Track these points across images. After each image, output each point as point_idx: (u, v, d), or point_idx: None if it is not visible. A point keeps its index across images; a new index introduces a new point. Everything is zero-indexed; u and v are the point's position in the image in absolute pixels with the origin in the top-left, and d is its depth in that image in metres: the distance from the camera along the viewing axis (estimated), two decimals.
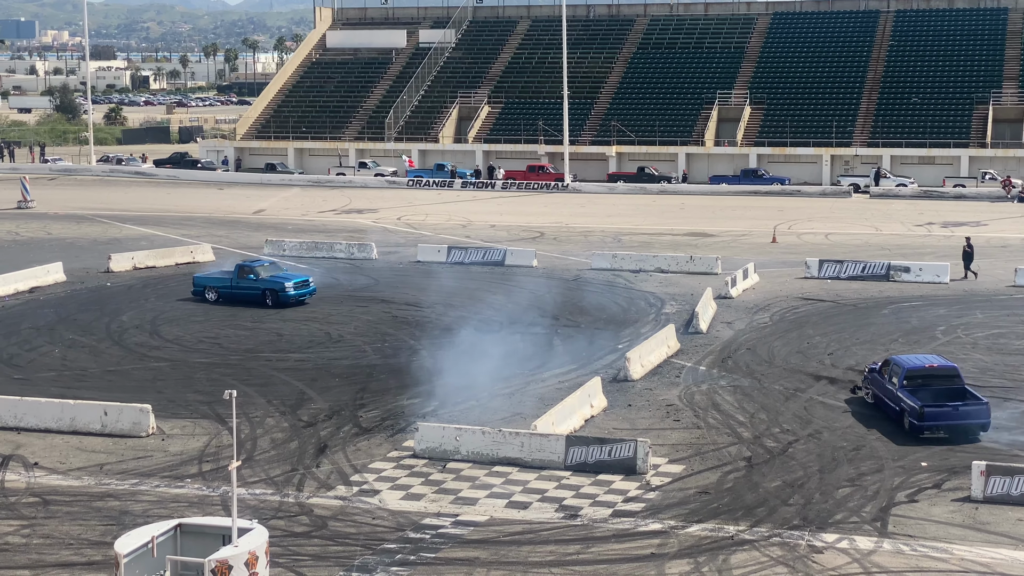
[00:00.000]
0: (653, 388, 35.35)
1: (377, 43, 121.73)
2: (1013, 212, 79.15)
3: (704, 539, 23.98)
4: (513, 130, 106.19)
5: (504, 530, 24.63)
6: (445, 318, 45.66)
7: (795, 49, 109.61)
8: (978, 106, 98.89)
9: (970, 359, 38.66)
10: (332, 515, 25.51)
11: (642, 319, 45.36)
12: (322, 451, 29.79)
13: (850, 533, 24.17)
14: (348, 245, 61.81)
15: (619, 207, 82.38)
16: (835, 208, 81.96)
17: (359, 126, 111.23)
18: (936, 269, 53.60)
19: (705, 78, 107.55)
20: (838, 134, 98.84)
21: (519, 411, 32.87)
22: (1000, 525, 24.60)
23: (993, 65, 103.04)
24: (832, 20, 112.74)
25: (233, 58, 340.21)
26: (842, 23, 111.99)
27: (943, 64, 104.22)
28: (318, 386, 35.79)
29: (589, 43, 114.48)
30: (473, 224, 73.98)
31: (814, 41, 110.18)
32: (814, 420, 32.06)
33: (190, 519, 21.73)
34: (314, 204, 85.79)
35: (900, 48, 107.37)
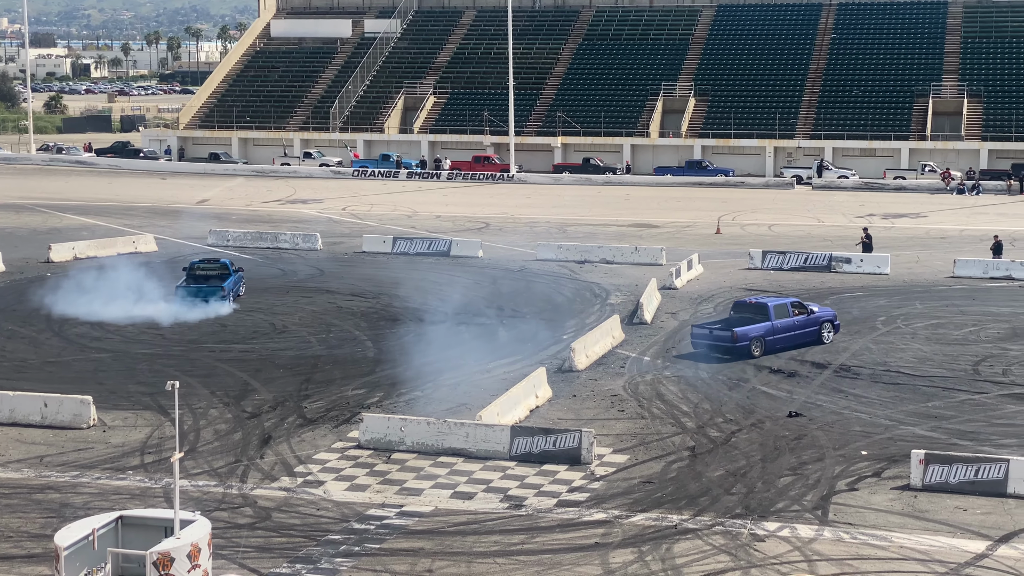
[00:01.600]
0: (598, 378, 35.49)
1: (322, 33, 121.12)
2: (952, 204, 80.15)
3: (648, 528, 24.13)
4: (459, 120, 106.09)
5: (449, 520, 24.66)
6: (390, 309, 45.59)
7: (739, 41, 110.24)
8: (918, 99, 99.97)
9: (910, 349, 39.11)
10: (276, 506, 25.42)
11: (587, 310, 45.52)
12: (266, 442, 29.66)
13: (791, 522, 24.41)
14: (293, 235, 61.55)
15: (564, 198, 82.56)
16: (778, 199, 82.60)
17: (304, 116, 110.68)
18: (877, 260, 54.17)
19: (650, 69, 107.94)
20: (781, 126, 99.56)
21: (464, 402, 32.89)
22: (938, 513, 24.93)
23: (933, 58, 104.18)
24: (775, 13, 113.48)
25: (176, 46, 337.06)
26: (785, 16, 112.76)
27: (884, 57, 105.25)
28: (262, 377, 35.63)
29: (535, 34, 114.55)
30: (419, 214, 73.88)
31: (758, 34, 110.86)
32: (757, 410, 32.32)
33: (132, 511, 21.57)
34: (259, 194, 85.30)
35: (842, 41, 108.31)
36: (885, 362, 37.41)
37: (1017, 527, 24.11)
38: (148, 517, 21.08)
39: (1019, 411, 32.20)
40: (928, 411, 32.18)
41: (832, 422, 31.14)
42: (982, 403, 33.01)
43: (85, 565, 19.82)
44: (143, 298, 44.99)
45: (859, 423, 31.09)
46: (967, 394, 33.84)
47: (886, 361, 37.54)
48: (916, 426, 30.82)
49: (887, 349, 39.10)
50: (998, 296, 48.41)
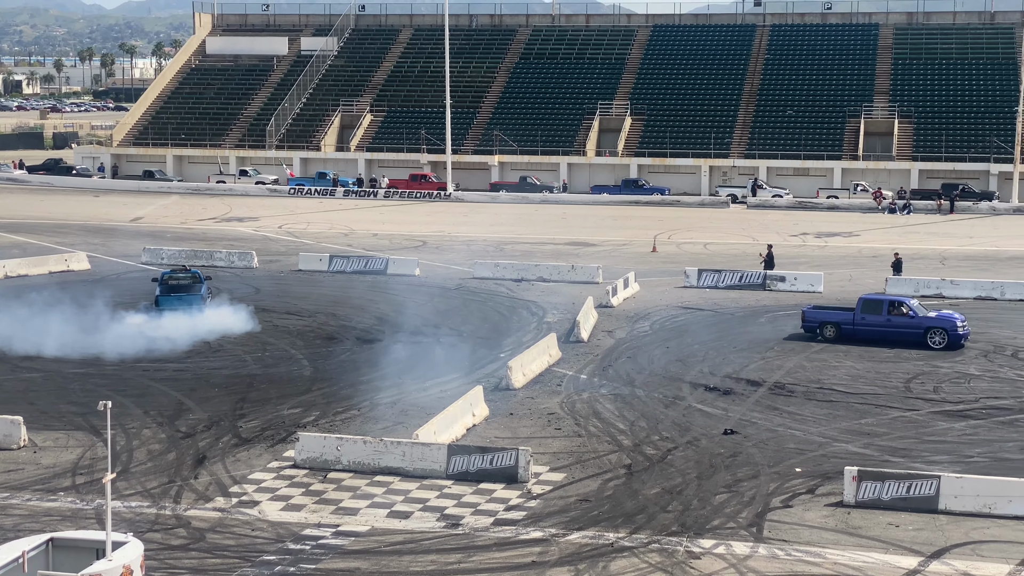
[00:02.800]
0: (535, 397, 35.52)
1: (258, 50, 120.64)
2: (884, 223, 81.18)
3: (584, 546, 24.16)
4: (396, 139, 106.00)
5: (385, 540, 24.56)
6: (327, 327, 45.38)
7: (674, 61, 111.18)
8: (850, 119, 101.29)
9: (843, 367, 39.52)
10: (210, 527, 25.18)
11: (524, 328, 45.57)
12: (200, 462, 29.39)
13: (727, 539, 24.54)
14: (228, 254, 61.13)
15: (501, 216, 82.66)
16: (713, 218, 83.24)
17: (240, 134, 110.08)
18: (810, 278, 54.71)
19: (586, 88, 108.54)
20: (716, 145, 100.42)
21: (401, 420, 32.80)
22: (871, 529, 25.18)
23: (865, 79, 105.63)
24: (710, 33, 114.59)
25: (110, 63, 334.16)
26: (720, 36, 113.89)
27: (817, 78, 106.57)
28: (197, 396, 35.31)
29: (472, 52, 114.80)
30: (355, 233, 73.66)
31: (693, 53, 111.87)
32: (693, 427, 32.49)
33: (63, 533, 21.27)
34: (193, 212, 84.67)
35: (776, 61, 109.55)
36: (819, 380, 37.78)
37: (949, 543, 24.41)
38: (79, 539, 20.79)
39: (950, 428, 32.63)
40: (861, 428, 32.52)
41: (767, 439, 31.38)
42: (914, 420, 33.41)
43: None
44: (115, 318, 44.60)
45: (793, 440, 31.35)
46: (899, 411, 34.24)
47: (820, 379, 37.91)
48: (849, 443, 31.12)
49: (820, 367, 39.48)
50: None
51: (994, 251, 67.72)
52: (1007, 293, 52.61)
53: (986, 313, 49.23)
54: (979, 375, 38.57)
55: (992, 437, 31.78)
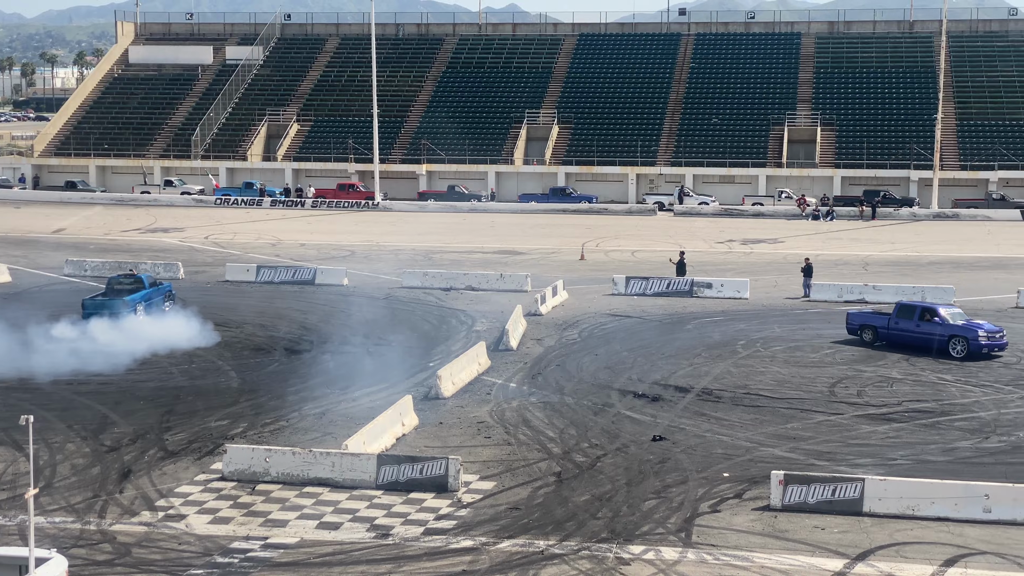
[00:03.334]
0: (464, 405, 35.53)
1: (182, 59, 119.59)
2: (808, 229, 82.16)
3: (515, 555, 24.20)
4: (323, 148, 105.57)
5: (315, 551, 24.44)
6: (255, 338, 45.06)
7: (601, 70, 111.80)
8: (774, 127, 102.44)
9: (769, 372, 39.93)
10: (136, 542, 24.90)
11: (453, 337, 45.56)
12: (126, 476, 29.05)
13: (656, 544, 24.70)
14: (154, 265, 60.50)
15: (430, 225, 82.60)
16: (641, 226, 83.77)
17: (164, 143, 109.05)
18: (737, 285, 55.23)
19: (514, 97, 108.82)
20: (643, 153, 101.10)
21: (330, 431, 32.66)
22: (798, 532, 25.47)
23: (788, 88, 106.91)
24: (636, 42, 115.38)
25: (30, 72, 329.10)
26: (645, 45, 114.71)
27: (741, 86, 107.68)
28: (122, 409, 34.89)
29: (399, 61, 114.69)
30: (283, 243, 73.26)
31: (619, 62, 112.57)
32: (622, 434, 32.66)
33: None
34: (118, 223, 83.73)
35: (700, 70, 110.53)
36: (746, 385, 38.13)
37: (873, 545, 24.74)
38: (1, 556, 20.50)
39: (873, 431, 33.08)
40: (787, 432, 32.88)
41: (695, 445, 31.62)
42: (838, 424, 33.83)
43: None
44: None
45: (721, 446, 31.62)
46: (824, 415, 34.66)
47: (747, 384, 38.27)
48: (776, 447, 31.45)
49: (747, 372, 39.87)
50: None
51: (915, 256, 68.80)
52: (928, 298, 53.35)
53: None
54: (901, 379, 39.15)
55: (915, 440, 32.27)
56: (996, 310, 51.46)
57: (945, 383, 38.51)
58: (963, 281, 58.20)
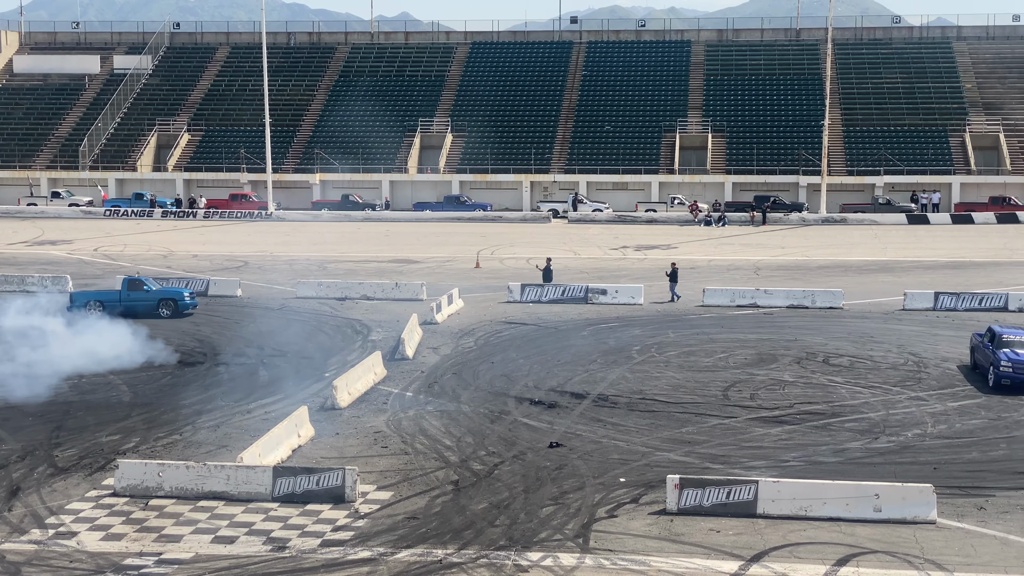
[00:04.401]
0: (360, 415, 35.36)
1: (69, 68, 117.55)
2: (700, 235, 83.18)
3: (413, 564, 24.14)
4: (215, 158, 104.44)
5: (210, 566, 24.14)
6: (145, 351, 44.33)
7: (494, 77, 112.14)
8: (666, 134, 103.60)
9: (663, 377, 40.32)
10: (26, 560, 24.38)
11: (349, 347, 45.33)
12: (14, 494, 28.42)
13: (554, 551, 24.80)
14: (41, 278, 59.34)
15: (324, 235, 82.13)
16: (536, 233, 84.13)
17: (51, 154, 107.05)
18: (631, 291, 55.69)
19: (407, 105, 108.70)
20: (537, 161, 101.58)
21: (224, 444, 32.30)
22: (694, 535, 25.73)
23: (679, 95, 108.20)
24: (528, 50, 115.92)
25: None
26: (537, 53, 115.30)
27: (633, 94, 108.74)
28: (10, 426, 34.11)
29: (291, 70, 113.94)
30: (175, 254, 72.30)
31: (512, 70, 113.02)
32: (519, 441, 32.73)
33: None
34: (3, 236, 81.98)
35: (593, 78, 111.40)
36: (641, 390, 38.46)
37: (767, 546, 25.10)
38: None
39: (766, 433, 33.56)
40: (682, 436, 33.22)
41: (591, 451, 31.81)
42: (732, 427, 34.27)
43: None
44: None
45: (617, 451, 31.85)
46: (718, 419, 35.08)
47: (642, 389, 38.60)
48: (671, 451, 31.76)
49: (642, 378, 40.21)
50: (744, 323, 50.42)
51: (804, 260, 70.00)
52: (817, 301, 54.40)
53: (798, 321, 50.84)
54: (792, 381, 39.78)
55: (806, 441, 32.80)
56: (884, 313, 52.59)
57: (835, 385, 39.21)
58: (851, 284, 59.37)
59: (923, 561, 24.26)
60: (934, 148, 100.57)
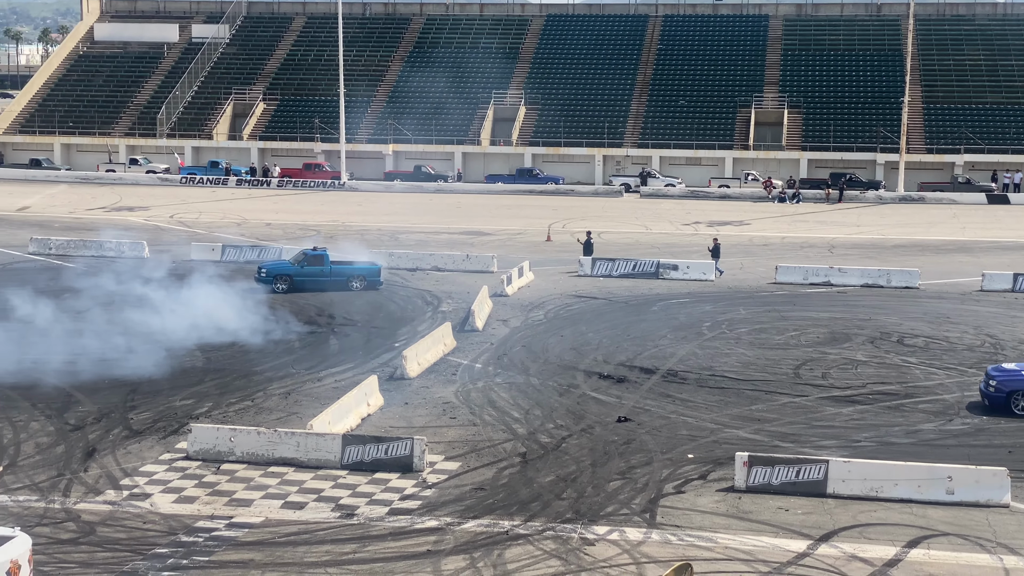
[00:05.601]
0: (429, 386, 35.51)
1: (148, 37, 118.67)
2: (774, 212, 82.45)
3: (480, 535, 24.23)
4: (289, 127, 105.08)
5: (279, 531, 24.40)
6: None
7: (568, 51, 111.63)
8: (741, 109, 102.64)
9: (734, 354, 40.07)
10: (101, 520, 24.80)
11: (419, 317, 45.51)
12: (90, 455, 28.91)
13: (620, 525, 24.78)
14: (119, 243, 60.11)
15: (396, 205, 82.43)
16: (607, 207, 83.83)
17: (130, 122, 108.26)
18: (703, 267, 55.37)
19: (481, 78, 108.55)
20: (610, 135, 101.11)
21: (295, 411, 32.59)
22: (761, 513, 25.60)
23: (755, 70, 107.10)
24: (603, 23, 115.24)
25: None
26: (613, 26, 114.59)
27: (709, 68, 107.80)
28: (86, 388, 34.69)
29: (366, 41, 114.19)
30: (248, 222, 72.93)
31: (586, 43, 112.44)
32: (587, 415, 32.72)
33: None
34: (83, 201, 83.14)
35: (668, 52, 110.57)
36: (711, 367, 38.26)
37: (837, 526, 24.91)
38: None
39: (838, 413, 33.28)
40: (751, 414, 33.03)
41: (660, 426, 31.72)
42: (803, 406, 34.01)
43: None
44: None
45: (686, 427, 31.74)
46: (788, 397, 34.83)
47: (712, 366, 38.40)
48: (740, 429, 31.59)
49: (712, 354, 39.99)
50: (817, 302, 49.96)
51: (880, 239, 69.18)
52: (893, 280, 53.76)
53: (873, 300, 50.30)
54: (866, 361, 39.37)
55: (879, 422, 32.48)
56: (961, 293, 51.86)
57: (909, 365, 38.76)
58: (928, 264, 58.59)
59: (995, 545, 23.96)
60: (1016, 127, 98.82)
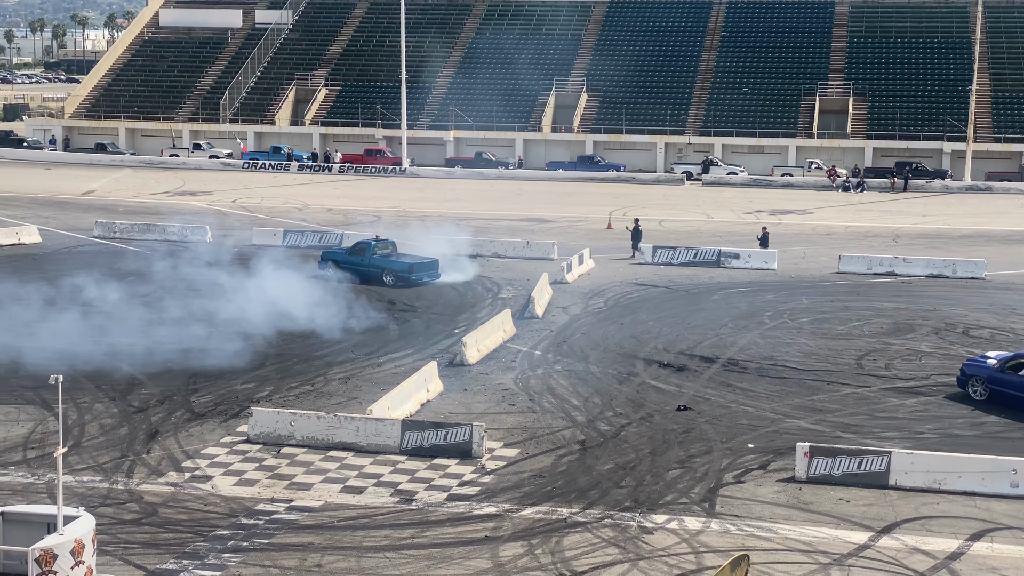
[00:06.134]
0: (489, 372, 35.54)
1: (212, 22, 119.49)
2: (837, 201, 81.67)
3: (538, 522, 24.23)
4: (351, 113, 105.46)
5: (339, 515, 24.53)
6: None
7: (631, 37, 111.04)
8: (805, 97, 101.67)
9: (795, 343, 39.76)
10: (163, 502, 25.06)
11: (479, 304, 45.54)
12: (153, 437, 29.23)
13: (679, 514, 24.68)
14: (182, 227, 60.65)
15: (457, 192, 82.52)
16: (669, 195, 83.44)
17: (193, 107, 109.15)
18: (764, 256, 54.96)
19: (543, 64, 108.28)
20: (672, 122, 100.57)
21: (354, 396, 32.74)
22: (822, 504, 25.40)
23: (820, 57, 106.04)
24: (666, 9, 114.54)
25: (61, 34, 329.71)
26: (676, 12, 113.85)
27: (773, 55, 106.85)
28: (149, 370, 35.04)
29: (428, 27, 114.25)
30: (310, 207, 73.31)
31: (649, 29, 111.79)
32: (647, 404, 32.62)
33: (13, 507, 21.12)
34: (147, 186, 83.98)
35: (732, 38, 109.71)
36: (772, 356, 37.99)
37: (899, 518, 24.66)
38: (30, 513, 20.66)
39: (901, 404, 32.93)
40: (813, 404, 32.77)
41: (720, 416, 31.55)
42: (865, 396, 33.69)
43: None
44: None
45: (746, 416, 31.55)
46: (851, 388, 34.52)
47: (773, 355, 38.12)
48: (801, 419, 31.36)
49: (774, 343, 39.71)
50: (881, 292, 49.44)
51: (946, 229, 68.33)
52: (958, 271, 53.10)
53: (938, 291, 49.71)
54: (930, 352, 38.93)
55: (942, 414, 32.11)
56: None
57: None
58: (995, 255, 57.76)
59: None
60: None
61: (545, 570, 21.99)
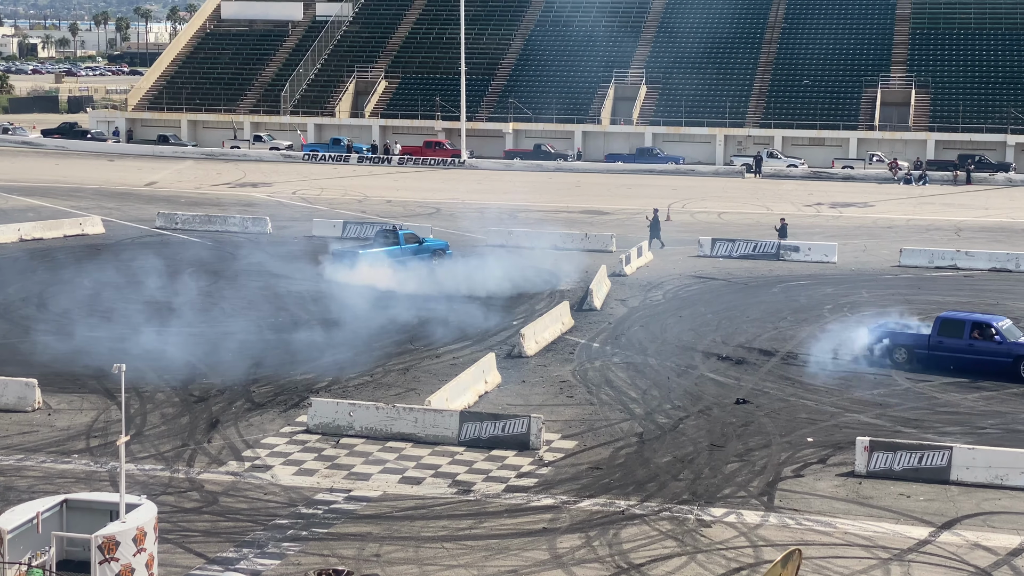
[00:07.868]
0: (547, 364, 35.56)
1: (273, 15, 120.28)
2: (899, 194, 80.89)
3: (595, 514, 24.22)
4: (410, 105, 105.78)
5: (397, 505, 24.65)
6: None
7: (691, 29, 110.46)
8: (867, 89, 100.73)
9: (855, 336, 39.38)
10: (223, 491, 25.30)
11: (537, 296, 45.56)
12: (214, 426, 29.51)
13: (738, 507, 24.59)
14: (242, 219, 61.15)
15: (515, 184, 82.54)
16: (728, 187, 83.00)
17: (254, 99, 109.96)
18: (824, 249, 54.56)
19: (602, 56, 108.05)
20: (731, 114, 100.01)
21: (413, 387, 32.88)
22: (882, 499, 25.20)
23: (882, 49, 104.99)
24: (726, 1, 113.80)
25: (125, 27, 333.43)
26: (736, 4, 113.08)
27: (834, 47, 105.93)
28: (210, 360, 35.38)
29: (487, 19, 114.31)
30: (369, 199, 73.64)
31: (709, 21, 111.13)
32: (704, 396, 32.51)
33: (77, 495, 21.42)
34: (208, 177, 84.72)
35: (792, 30, 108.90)
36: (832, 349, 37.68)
37: (959, 514, 24.43)
38: (93, 501, 20.94)
39: (962, 399, 32.60)
40: (873, 399, 32.50)
41: (779, 409, 31.39)
42: (926, 391, 33.38)
43: (29, 548, 19.67)
44: None
45: (805, 410, 31.36)
46: (911, 382, 34.20)
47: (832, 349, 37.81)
48: (861, 413, 31.12)
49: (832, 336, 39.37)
50: (943, 285, 48.94)
51: (1009, 222, 67.46)
52: (1022, 265, 52.44)
53: (1001, 284, 49.12)
54: None
55: (1005, 409, 31.76)
56: None
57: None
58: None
59: None
60: None
61: (603, 562, 22.00)
